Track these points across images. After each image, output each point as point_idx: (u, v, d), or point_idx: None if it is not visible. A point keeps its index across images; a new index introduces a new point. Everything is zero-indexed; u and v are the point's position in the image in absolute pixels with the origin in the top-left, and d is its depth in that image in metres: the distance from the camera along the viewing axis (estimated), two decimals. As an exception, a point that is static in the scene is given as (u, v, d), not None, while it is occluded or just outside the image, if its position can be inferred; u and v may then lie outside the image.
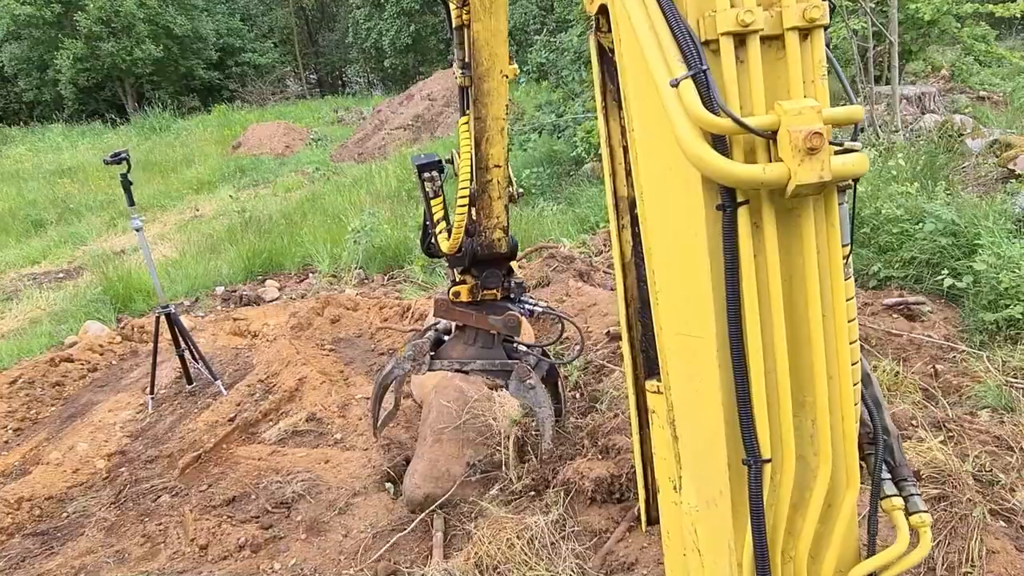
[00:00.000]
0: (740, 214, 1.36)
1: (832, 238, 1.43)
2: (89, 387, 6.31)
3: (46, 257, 11.75)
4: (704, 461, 1.59)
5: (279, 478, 4.50)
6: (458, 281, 3.17)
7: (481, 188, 2.93)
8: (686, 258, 1.49)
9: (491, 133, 2.83)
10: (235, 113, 26.47)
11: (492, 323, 3.10)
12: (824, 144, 1.25)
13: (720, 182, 1.33)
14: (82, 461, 4.98)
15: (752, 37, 1.34)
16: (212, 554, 3.90)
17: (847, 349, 1.47)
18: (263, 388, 5.65)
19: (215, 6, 34.93)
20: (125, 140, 23.12)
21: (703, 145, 1.30)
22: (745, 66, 1.36)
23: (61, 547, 4.15)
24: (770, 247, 1.39)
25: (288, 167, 17.38)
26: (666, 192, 1.54)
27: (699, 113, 1.28)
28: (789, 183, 1.28)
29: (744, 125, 1.28)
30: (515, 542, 3.39)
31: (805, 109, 1.28)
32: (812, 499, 1.53)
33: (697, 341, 1.50)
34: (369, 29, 32.26)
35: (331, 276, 8.90)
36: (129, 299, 8.49)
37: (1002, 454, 3.71)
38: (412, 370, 3.29)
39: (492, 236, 3.05)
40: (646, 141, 1.57)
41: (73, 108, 30.35)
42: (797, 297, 1.45)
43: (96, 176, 16.93)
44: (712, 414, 1.51)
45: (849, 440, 1.52)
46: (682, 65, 1.34)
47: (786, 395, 1.45)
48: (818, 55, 1.39)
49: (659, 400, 1.81)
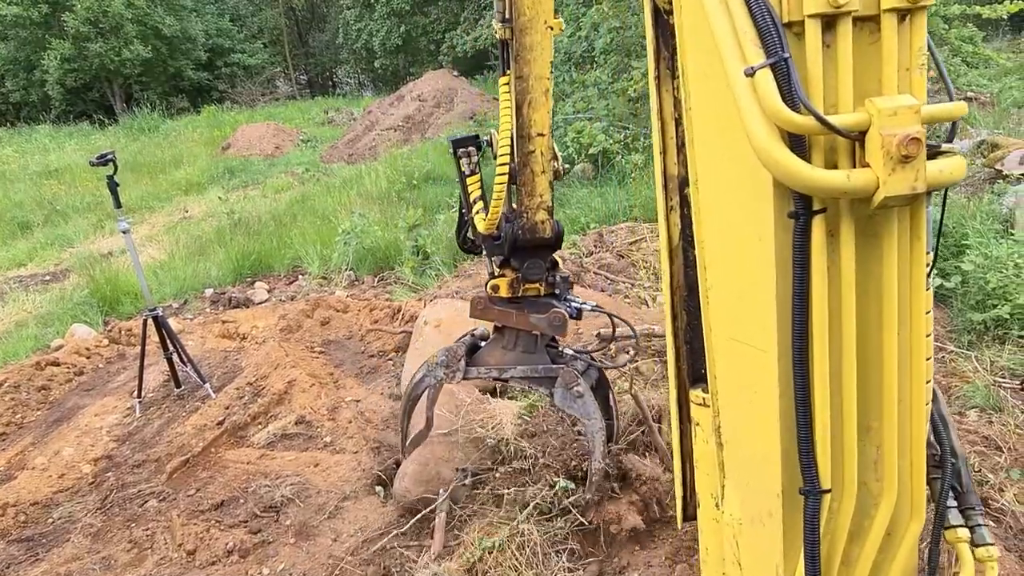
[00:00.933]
0: (815, 223, 1.20)
1: (916, 250, 1.27)
2: (75, 391, 6.25)
3: (32, 259, 11.63)
4: (752, 478, 1.47)
5: (268, 482, 4.47)
6: (497, 274, 2.83)
7: (522, 161, 2.60)
8: (746, 262, 1.34)
9: (534, 95, 2.50)
10: (224, 114, 26.32)
11: (535, 323, 2.76)
12: (921, 151, 1.09)
13: (796, 189, 1.17)
14: (68, 466, 4.93)
15: (844, 19, 1.14)
16: (200, 559, 3.86)
17: (923, 370, 1.33)
18: (252, 391, 5.61)
19: (204, 7, 34.74)
20: (113, 141, 22.95)
21: (779, 146, 1.14)
22: (832, 53, 1.17)
23: (46, 553, 4.10)
24: (846, 259, 1.23)
25: (278, 168, 17.29)
26: (727, 185, 1.37)
27: (777, 109, 1.12)
28: (876, 193, 1.11)
29: (829, 125, 1.10)
30: (506, 546, 3.38)
31: (901, 108, 1.10)
32: (872, 529, 1.40)
33: (755, 352, 1.36)
34: (359, 30, 32.17)
35: (321, 278, 8.85)
36: (116, 302, 8.42)
37: (991, 454, 3.73)
38: (445, 378, 2.92)
39: (535, 218, 2.70)
40: (706, 123, 1.39)
41: (60, 109, 30.11)
42: (871, 313, 1.28)
43: (84, 177, 16.79)
44: (766, 432, 1.37)
45: (917, 468, 1.38)
46: (759, 50, 1.16)
47: (851, 419, 1.30)
48: (918, 41, 1.20)
49: (704, 413, 1.69)
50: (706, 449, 1.68)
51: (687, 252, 1.79)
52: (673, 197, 1.79)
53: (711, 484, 1.67)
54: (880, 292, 1.27)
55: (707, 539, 1.76)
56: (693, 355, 1.82)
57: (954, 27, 10.70)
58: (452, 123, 17.59)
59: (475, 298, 2.85)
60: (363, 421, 5.09)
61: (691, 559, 3.36)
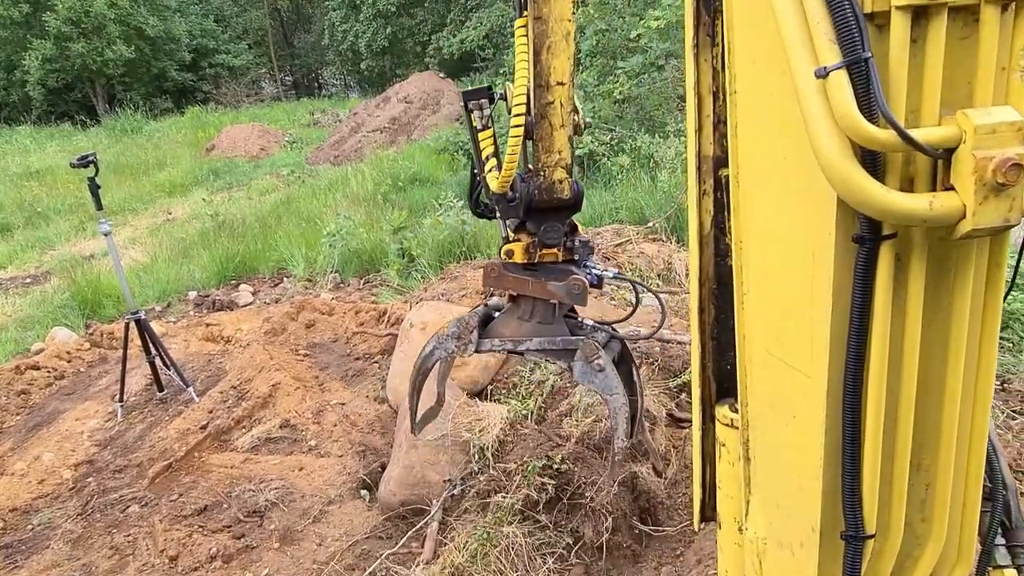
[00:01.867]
0: (883, 249, 1.05)
1: (995, 279, 1.12)
2: (56, 395, 6.17)
3: (12, 262, 11.49)
4: (785, 504, 1.36)
5: (252, 486, 4.43)
6: (511, 239, 2.59)
7: (540, 113, 2.36)
8: (795, 277, 1.20)
9: (554, 39, 2.24)
10: (209, 115, 26.15)
11: (552, 291, 2.53)
12: (1021, 179, 0.92)
13: (867, 213, 1.01)
14: (48, 471, 4.86)
15: (938, 11, 0.96)
16: (182, 565, 3.82)
17: (987, 407, 1.21)
18: (236, 394, 5.56)
19: (188, 7, 34.51)
20: (95, 142, 22.73)
21: (851, 163, 0.97)
22: (919, 50, 0.98)
23: (26, 560, 4.04)
24: (914, 289, 1.09)
25: (263, 170, 17.20)
26: (777, 187, 1.21)
27: (853, 119, 0.95)
28: (962, 223, 0.96)
29: (914, 142, 0.93)
30: (491, 551, 3.37)
31: (1001, 125, 0.93)
32: (915, 573, 1.31)
33: (797, 375, 1.25)
34: (345, 31, 32.07)
35: (306, 280, 8.81)
36: (98, 305, 8.32)
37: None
38: (457, 351, 2.68)
39: (553, 177, 2.45)
40: (754, 114, 1.23)
41: (41, 109, 29.77)
42: (936, 344, 1.15)
43: (65, 179, 16.60)
44: (807, 464, 1.25)
45: (969, 509, 1.27)
46: (834, 48, 0.97)
47: (904, 458, 1.19)
48: (1021, 38, 1.00)
49: (730, 434, 1.59)
50: (731, 472, 1.59)
51: (719, 241, 1.64)
52: (707, 180, 1.62)
53: (734, 508, 1.59)
54: (949, 323, 1.14)
55: (727, 562, 1.68)
56: (720, 352, 1.70)
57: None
58: (438, 125, 17.57)
59: (488, 264, 2.65)
60: (348, 424, 5.06)
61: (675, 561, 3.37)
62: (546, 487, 3.64)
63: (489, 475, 3.93)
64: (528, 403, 4.57)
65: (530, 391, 4.76)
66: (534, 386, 4.80)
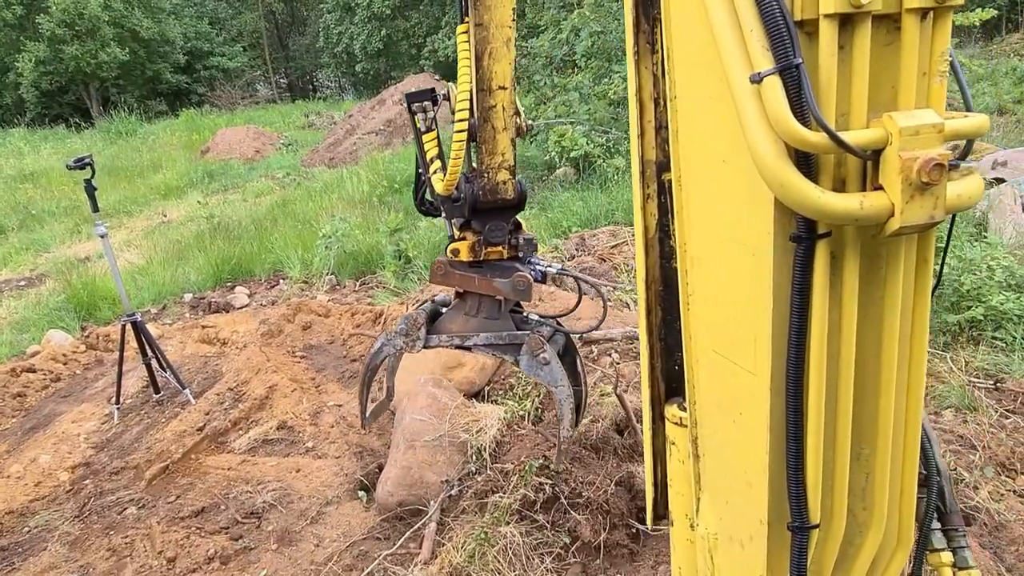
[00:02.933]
0: (819, 247, 1.11)
1: (923, 274, 1.19)
2: (52, 397, 6.16)
3: (7, 264, 11.45)
4: (733, 500, 1.41)
5: (249, 488, 4.43)
6: (457, 237, 2.66)
7: (483, 116, 2.43)
8: (736, 277, 1.25)
9: (495, 45, 2.32)
10: (204, 117, 26.09)
11: (498, 287, 2.60)
12: (944, 177, 0.98)
13: (803, 213, 1.06)
14: (44, 474, 4.86)
15: (863, 20, 1.01)
16: (180, 567, 3.82)
17: (920, 396, 1.27)
18: (233, 396, 5.56)
19: (183, 9, 34.48)
20: (90, 145, 22.66)
21: (786, 165, 1.02)
22: (847, 56, 1.04)
23: (22, 563, 4.03)
24: (848, 284, 1.15)
25: (258, 172, 17.18)
26: (717, 190, 1.25)
27: (786, 123, 1.00)
28: (891, 221, 1.01)
29: (844, 144, 0.98)
30: (489, 550, 3.38)
31: (924, 128, 0.99)
32: (858, 558, 1.35)
33: (741, 372, 1.29)
34: (340, 33, 32.09)
35: (302, 282, 8.81)
36: (94, 307, 8.31)
37: (965, 453, 3.80)
38: (405, 347, 2.73)
39: (496, 178, 2.51)
40: (694, 118, 1.27)
41: (35, 112, 29.71)
42: (870, 338, 1.21)
43: (59, 181, 16.56)
44: (750, 455, 1.30)
45: (907, 496, 1.33)
46: (768, 55, 1.02)
47: (844, 448, 1.24)
48: (941, 44, 1.07)
49: (679, 432, 1.62)
50: (681, 469, 1.62)
51: (664, 243, 1.69)
52: (650, 184, 1.66)
53: (685, 504, 1.62)
54: (881, 317, 1.20)
55: (680, 559, 1.71)
56: (667, 352, 1.74)
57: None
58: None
59: (435, 263, 2.71)
60: (345, 426, 5.06)
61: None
62: (543, 487, 3.65)
63: (486, 475, 3.94)
64: (525, 404, 4.59)
65: (527, 392, 4.78)
66: (531, 387, 4.82)
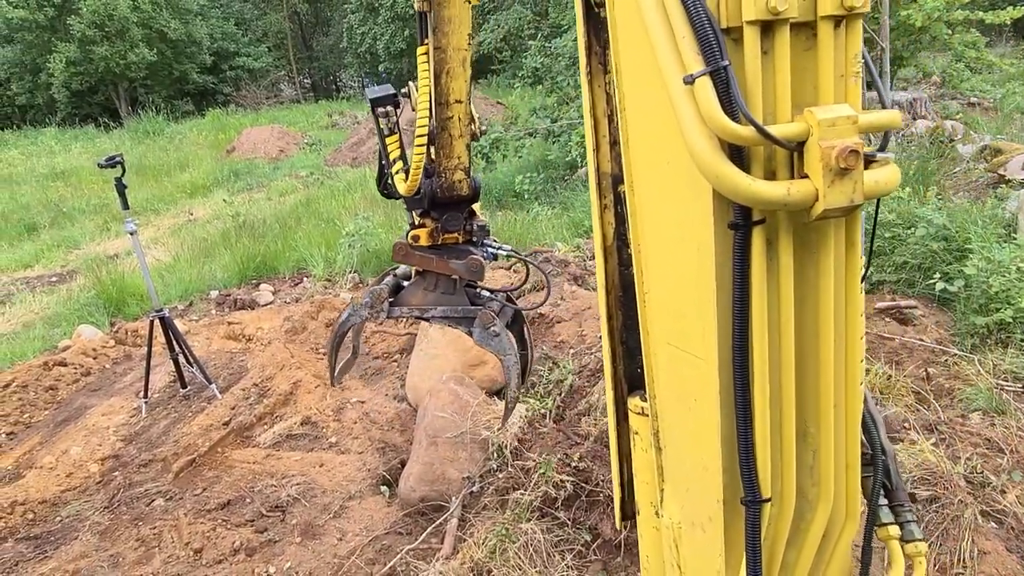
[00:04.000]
0: (755, 233, 1.20)
1: (851, 257, 1.29)
2: (82, 391, 6.29)
3: (39, 261, 11.69)
4: (692, 484, 1.48)
5: (274, 482, 4.50)
6: (417, 224, 2.99)
7: (441, 125, 2.74)
8: (685, 269, 1.34)
9: (452, 65, 2.61)
10: (229, 117, 26.41)
11: (454, 267, 2.93)
12: (859, 163, 1.09)
13: (736, 201, 1.16)
14: (75, 465, 4.97)
15: (782, 26, 1.14)
16: (207, 558, 3.89)
17: (857, 375, 1.35)
18: (257, 392, 5.64)
19: (209, 10, 34.90)
20: (118, 144, 23.05)
21: (719, 157, 1.12)
22: (770, 59, 1.16)
23: (55, 551, 4.13)
24: (784, 268, 1.24)
25: (282, 171, 17.36)
26: (664, 190, 1.36)
27: (717, 119, 1.10)
28: (816, 205, 1.11)
29: (769, 136, 1.10)
30: (510, 547, 3.40)
31: (840, 119, 1.10)
32: (809, 533, 1.42)
33: (694, 360, 1.37)
34: (363, 34, 32.30)
35: (325, 280, 8.89)
36: (122, 303, 8.46)
37: (993, 456, 3.75)
38: (370, 317, 3.08)
39: (453, 178, 2.85)
40: (641, 126, 1.37)
41: (66, 112, 30.26)
42: (808, 320, 1.30)
43: (89, 180, 16.88)
44: (705, 440, 1.38)
45: (852, 471, 1.41)
46: (699, 58, 1.13)
47: (790, 427, 1.32)
48: (853, 48, 1.19)
49: (642, 422, 1.69)
50: (645, 458, 1.68)
51: (621, 251, 1.78)
52: (607, 195, 1.77)
53: (650, 492, 1.67)
54: (817, 299, 1.29)
55: (647, 547, 1.77)
56: (629, 355, 1.82)
57: (957, 32, 10.72)
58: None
59: (397, 244, 3.01)
60: (368, 422, 5.12)
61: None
62: (564, 484, 3.67)
63: (508, 472, 3.97)
64: (546, 402, 4.61)
65: (548, 390, 4.79)
66: (552, 385, 4.83)
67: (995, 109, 12.77)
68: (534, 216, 10.11)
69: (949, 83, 12.96)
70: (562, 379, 4.82)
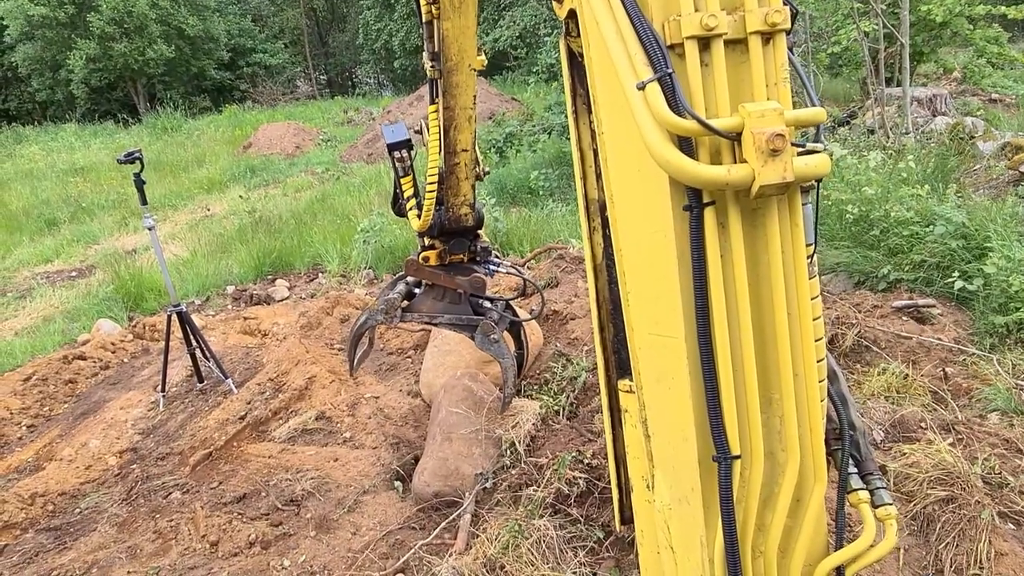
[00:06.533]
0: (706, 214, 1.38)
1: (796, 237, 1.45)
2: (101, 384, 6.37)
3: (59, 255, 11.85)
4: (676, 458, 1.61)
5: (289, 476, 4.54)
6: (427, 246, 3.44)
7: (449, 170, 3.13)
8: (655, 259, 1.51)
9: (459, 121, 2.97)
10: (246, 113, 26.62)
11: (459, 283, 3.37)
12: (786, 145, 1.27)
13: (686, 183, 1.35)
14: (94, 458, 5.03)
15: (716, 41, 1.36)
16: (223, 550, 3.93)
17: (812, 347, 1.50)
18: (273, 387, 5.69)
19: (226, 7, 35.14)
20: (137, 140, 23.28)
21: (669, 147, 1.31)
22: (710, 69, 1.37)
23: (74, 542, 4.20)
24: (736, 247, 1.41)
25: (298, 167, 17.47)
26: (635, 194, 1.56)
27: (665, 115, 1.30)
28: (753, 184, 1.29)
29: (709, 127, 1.29)
30: (523, 543, 3.41)
31: (768, 111, 1.29)
32: (781, 494, 1.55)
33: (668, 340, 1.53)
34: (379, 30, 32.38)
35: (340, 276, 8.94)
36: (141, 298, 8.56)
37: (1011, 457, 3.70)
38: (384, 321, 3.49)
39: (459, 212, 3.29)
40: (615, 144, 1.59)
41: (85, 108, 30.61)
42: (763, 296, 1.47)
43: (108, 175, 17.08)
44: (683, 412, 1.53)
45: (816, 435, 1.54)
46: (648, 69, 1.35)
47: (754, 393, 1.47)
48: (780, 58, 1.41)
49: (631, 399, 1.81)
50: (634, 434, 1.82)
51: (610, 269, 1.95)
52: (594, 219, 1.97)
53: (641, 467, 1.80)
54: (769, 276, 1.45)
55: (641, 521, 1.89)
56: (621, 365, 1.97)
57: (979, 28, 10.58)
58: (471, 123, 17.62)
59: (409, 260, 3.46)
60: (382, 417, 5.15)
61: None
62: (577, 481, 3.67)
63: (521, 469, 3.98)
64: (560, 399, 4.61)
65: (562, 387, 4.80)
66: (566, 382, 4.84)
67: (1017, 105, 12.58)
68: (548, 212, 10.11)
69: (970, 79, 12.79)
70: (576, 376, 4.82)
